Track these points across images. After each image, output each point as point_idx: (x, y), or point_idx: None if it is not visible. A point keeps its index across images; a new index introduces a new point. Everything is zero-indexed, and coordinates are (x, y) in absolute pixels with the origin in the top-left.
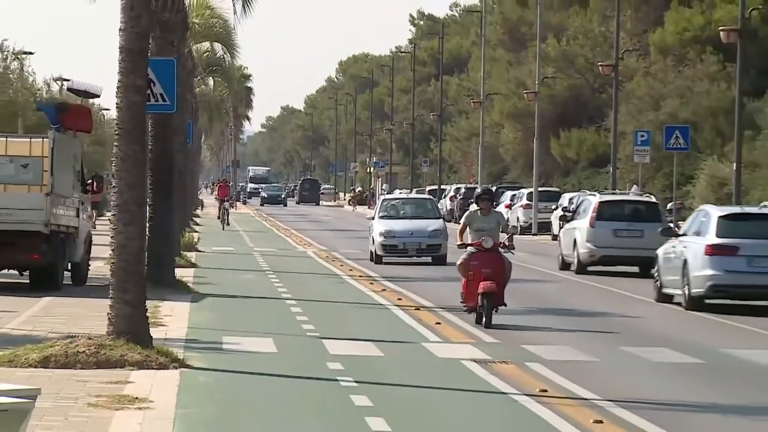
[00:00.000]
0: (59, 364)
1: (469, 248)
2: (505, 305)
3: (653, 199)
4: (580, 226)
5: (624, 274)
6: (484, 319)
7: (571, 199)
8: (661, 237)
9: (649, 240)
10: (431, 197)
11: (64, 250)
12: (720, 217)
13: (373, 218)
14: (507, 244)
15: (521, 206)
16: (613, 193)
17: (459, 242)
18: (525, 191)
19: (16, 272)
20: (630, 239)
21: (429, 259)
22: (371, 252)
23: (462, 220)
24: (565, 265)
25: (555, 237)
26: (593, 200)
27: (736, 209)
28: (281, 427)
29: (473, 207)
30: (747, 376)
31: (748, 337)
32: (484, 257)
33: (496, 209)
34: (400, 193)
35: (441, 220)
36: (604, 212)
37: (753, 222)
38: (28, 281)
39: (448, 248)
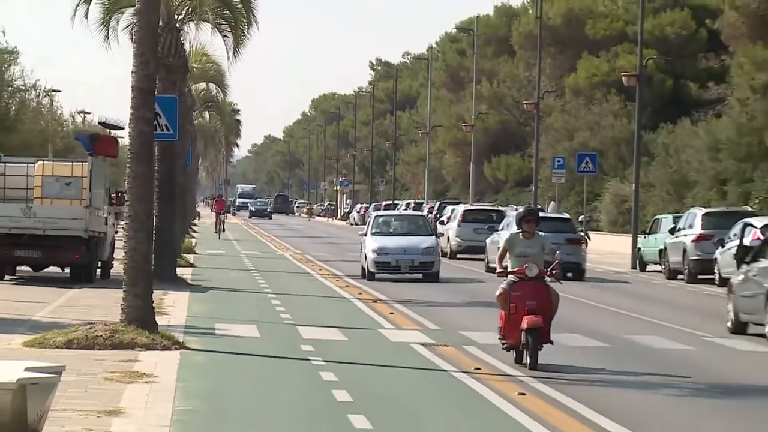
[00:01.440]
0: (81, 345)
1: (510, 277)
2: (551, 343)
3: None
4: (452, 226)
5: None
6: (528, 360)
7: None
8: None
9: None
10: (423, 214)
11: (96, 251)
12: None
13: (365, 234)
14: (554, 272)
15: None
16: (473, 204)
17: (498, 270)
18: (461, 207)
19: (58, 269)
20: (484, 234)
21: (419, 276)
22: (363, 269)
23: (501, 244)
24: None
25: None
26: (460, 209)
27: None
28: (263, 398)
29: (513, 229)
30: (645, 356)
31: (645, 325)
32: (528, 287)
33: (540, 233)
34: (361, 206)
35: (434, 237)
36: (468, 217)
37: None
38: (68, 275)
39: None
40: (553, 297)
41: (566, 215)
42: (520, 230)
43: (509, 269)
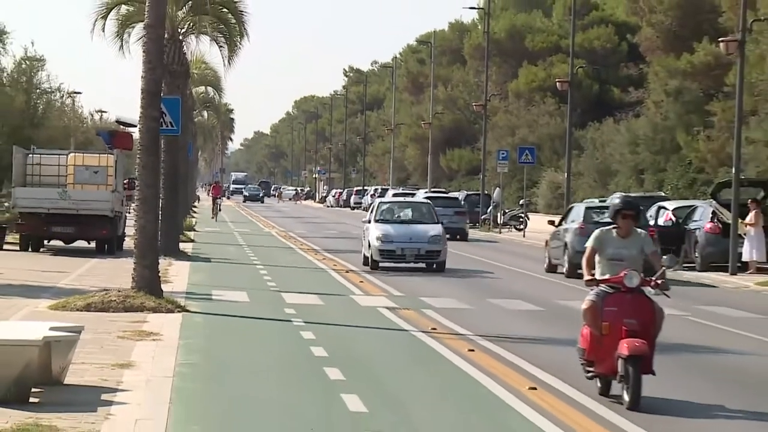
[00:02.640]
0: (97, 308)
1: (601, 286)
2: (653, 374)
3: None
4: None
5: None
6: (626, 395)
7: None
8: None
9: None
10: (428, 201)
11: (117, 228)
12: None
13: (368, 221)
14: (660, 282)
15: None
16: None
17: (587, 277)
18: (422, 191)
19: (84, 243)
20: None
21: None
22: (365, 257)
23: (589, 243)
24: None
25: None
26: (377, 201)
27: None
28: (252, 353)
29: (604, 225)
30: (576, 319)
31: (578, 293)
32: (627, 301)
33: (639, 230)
34: (336, 191)
35: (440, 225)
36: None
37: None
38: (93, 248)
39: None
40: (657, 314)
41: (455, 195)
42: (613, 226)
43: (599, 276)
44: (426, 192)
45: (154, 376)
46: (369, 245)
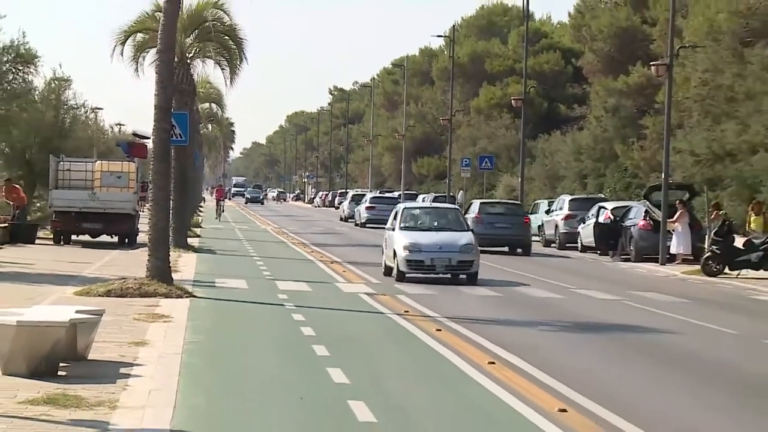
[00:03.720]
0: (116, 294)
1: None
2: None
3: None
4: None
5: None
6: None
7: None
8: None
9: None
10: (456, 207)
11: (135, 224)
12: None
13: (392, 229)
14: None
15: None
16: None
17: None
18: (396, 193)
19: (107, 237)
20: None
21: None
22: (388, 267)
23: None
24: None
25: None
26: (351, 192)
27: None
28: (250, 333)
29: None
30: (529, 304)
31: (529, 280)
32: None
33: None
34: (323, 193)
35: (471, 233)
36: (354, 198)
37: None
38: (116, 242)
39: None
40: None
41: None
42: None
43: None
44: (398, 193)
45: (165, 353)
46: (394, 254)
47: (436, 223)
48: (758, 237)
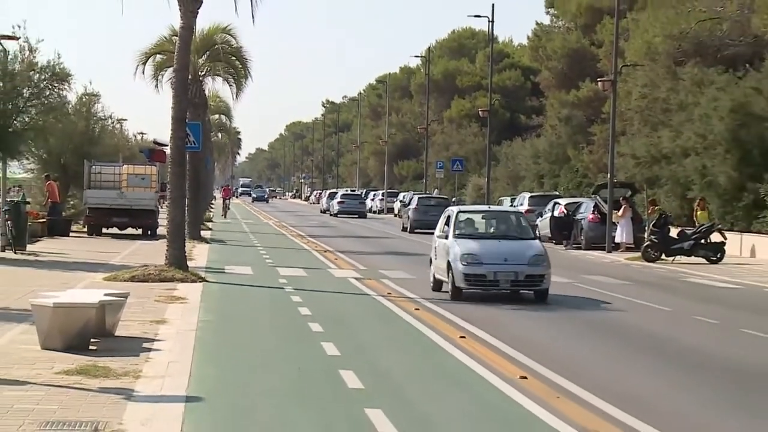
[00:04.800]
0: (139, 279)
1: None
2: None
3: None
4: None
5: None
6: None
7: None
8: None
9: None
10: (518, 210)
11: (156, 218)
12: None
13: (444, 236)
14: None
15: (378, 199)
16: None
17: None
18: (380, 191)
19: (133, 230)
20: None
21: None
22: (438, 281)
23: None
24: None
25: (396, 215)
26: (327, 191)
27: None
28: (254, 312)
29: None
30: None
31: None
32: None
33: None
34: (317, 192)
35: (539, 242)
36: (330, 195)
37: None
38: (140, 234)
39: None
40: None
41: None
42: None
43: None
44: (382, 192)
45: (181, 330)
46: (448, 267)
47: (495, 231)
48: (690, 229)
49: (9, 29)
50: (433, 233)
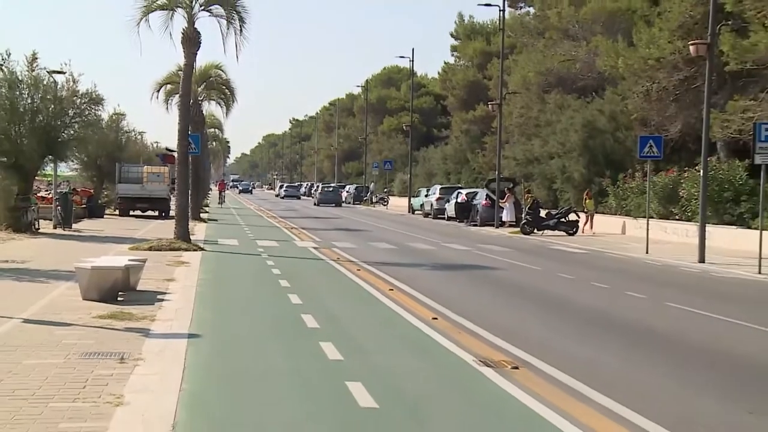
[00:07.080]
0: (155, 249)
1: None
2: None
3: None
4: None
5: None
6: None
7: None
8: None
9: (335, 196)
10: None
11: (168, 204)
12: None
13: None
14: None
15: (346, 192)
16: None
17: None
18: (300, 183)
19: (152, 213)
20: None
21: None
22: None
23: None
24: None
25: (344, 202)
26: (284, 184)
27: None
28: (240, 273)
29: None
30: (414, 252)
31: (413, 239)
32: None
33: None
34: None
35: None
36: (281, 186)
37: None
38: (157, 215)
39: None
40: None
41: (337, 185)
42: None
43: None
44: (334, 185)
45: (186, 285)
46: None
47: None
48: (555, 210)
49: (58, 65)
50: (330, 207)
